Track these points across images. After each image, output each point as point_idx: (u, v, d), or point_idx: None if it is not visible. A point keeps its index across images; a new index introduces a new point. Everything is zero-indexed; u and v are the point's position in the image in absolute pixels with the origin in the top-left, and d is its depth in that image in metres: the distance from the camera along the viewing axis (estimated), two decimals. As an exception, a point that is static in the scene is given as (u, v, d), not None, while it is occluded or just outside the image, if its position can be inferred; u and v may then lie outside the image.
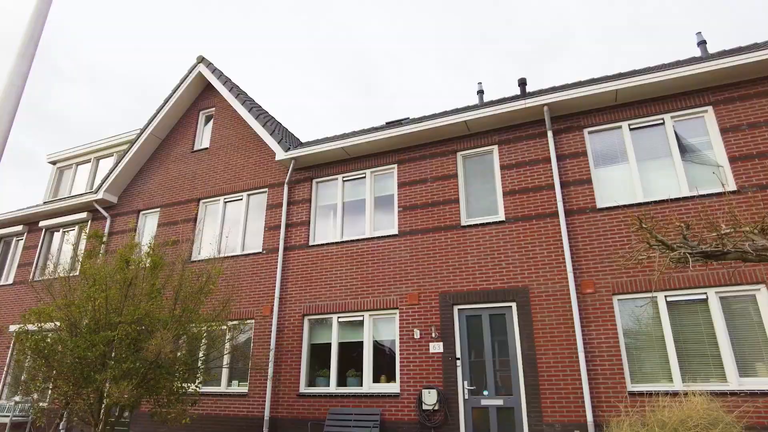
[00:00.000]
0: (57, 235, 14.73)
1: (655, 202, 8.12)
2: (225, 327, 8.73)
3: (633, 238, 7.97)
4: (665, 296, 7.63)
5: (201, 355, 8.34)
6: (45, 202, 15.29)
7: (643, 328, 7.68)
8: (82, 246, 13.40)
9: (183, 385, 7.37)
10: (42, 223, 14.64)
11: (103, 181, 13.54)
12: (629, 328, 7.73)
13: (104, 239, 7.70)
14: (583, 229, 8.38)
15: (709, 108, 8.37)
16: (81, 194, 14.28)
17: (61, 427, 11.34)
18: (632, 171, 8.56)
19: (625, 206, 8.28)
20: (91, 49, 68.27)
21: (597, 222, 8.35)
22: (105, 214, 13.45)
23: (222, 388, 10.20)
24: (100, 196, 13.37)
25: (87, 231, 13.80)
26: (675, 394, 6.92)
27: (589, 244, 8.26)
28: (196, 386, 7.93)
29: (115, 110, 68.46)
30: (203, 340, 8.23)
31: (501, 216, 9.05)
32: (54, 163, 17.04)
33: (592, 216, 8.42)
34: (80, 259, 7.34)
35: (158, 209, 12.97)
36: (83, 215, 13.92)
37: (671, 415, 5.58)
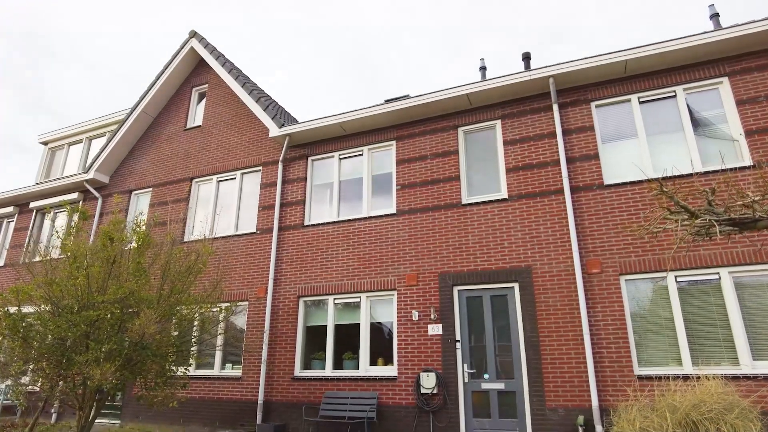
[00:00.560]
0: (49, 217, 14.39)
1: (666, 179, 7.70)
2: (217, 309, 8.42)
3: (643, 213, 7.60)
4: (675, 276, 7.28)
5: (191, 337, 8.03)
6: (36, 183, 14.93)
7: (652, 309, 7.34)
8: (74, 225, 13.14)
9: (171, 367, 7.07)
10: (33, 204, 14.30)
11: (93, 161, 13.15)
12: (637, 309, 7.40)
13: (86, 214, 7.27)
14: (590, 207, 8.00)
15: (725, 79, 7.92)
16: (72, 175, 13.89)
17: (53, 411, 11.13)
18: (642, 146, 8.15)
19: (633, 183, 7.89)
20: (88, 33, 67.36)
21: (604, 199, 7.97)
22: (96, 194, 13.09)
23: (215, 371, 9.93)
24: (90, 175, 13.00)
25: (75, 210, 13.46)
26: (685, 378, 6.63)
27: (596, 223, 7.89)
28: (186, 369, 7.64)
29: (114, 97, 67.81)
30: (194, 322, 7.91)
31: (503, 194, 8.67)
32: (45, 143, 16.65)
33: (599, 193, 8.03)
34: (61, 237, 6.94)
35: (150, 189, 12.61)
36: (74, 195, 13.55)
37: (683, 399, 5.27)
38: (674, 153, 7.96)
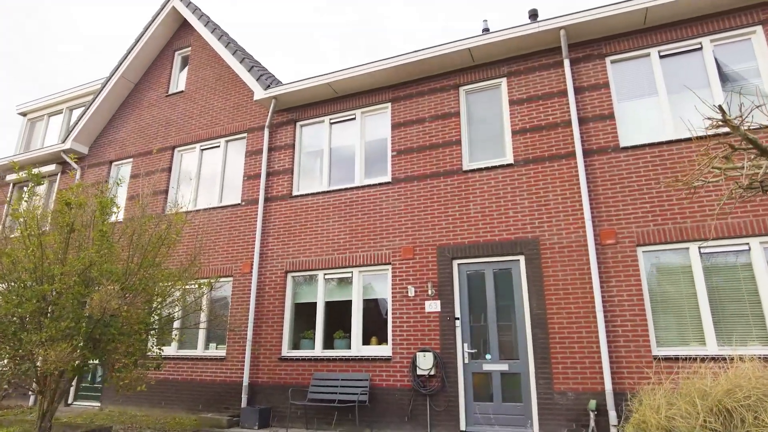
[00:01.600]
0: (26, 190, 13.62)
1: (689, 140, 6.94)
2: (195, 284, 7.73)
3: (663, 178, 6.85)
4: (699, 248, 6.56)
5: (167, 314, 7.37)
6: (10, 156, 14.13)
7: (672, 283, 6.64)
8: (53, 200, 12.44)
9: (141, 347, 6.41)
10: (9, 178, 13.53)
11: (70, 130, 12.35)
12: (656, 284, 6.70)
13: (39, 178, 6.52)
14: (604, 172, 7.24)
15: (758, 28, 7.07)
16: (48, 146, 13.08)
17: (30, 392, 10.55)
18: (662, 105, 7.35)
19: (653, 144, 7.12)
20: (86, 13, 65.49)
21: (620, 163, 7.20)
22: (74, 165, 12.32)
23: (198, 351, 9.31)
24: (67, 146, 12.21)
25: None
26: (709, 358, 5.97)
27: (611, 189, 7.14)
28: (159, 349, 6.98)
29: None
30: (169, 298, 7.23)
31: (509, 158, 7.89)
32: (24, 114, 15.83)
33: (614, 156, 7.26)
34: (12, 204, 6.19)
35: (131, 159, 11.84)
36: (52, 167, 12.78)
37: (714, 384, 4.60)
38: (699, 112, 7.15)
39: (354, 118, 9.36)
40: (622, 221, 6.95)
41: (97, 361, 6.60)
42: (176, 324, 8.75)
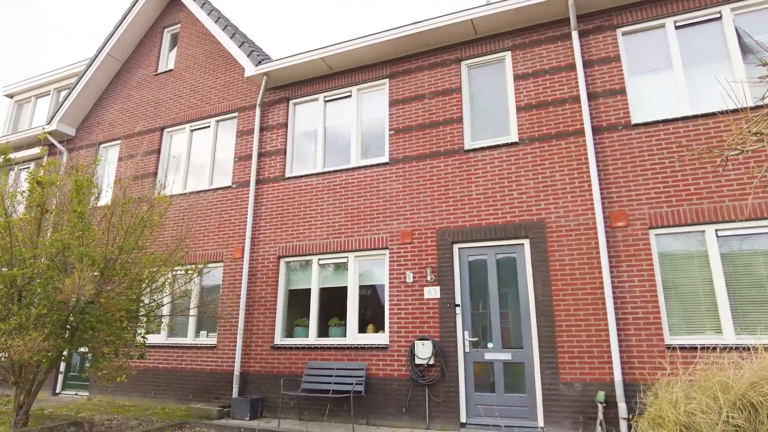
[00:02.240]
0: (12, 175, 13.20)
1: (706, 116, 6.49)
2: (182, 270, 7.35)
3: (678, 157, 6.41)
4: (716, 230, 6.15)
5: (152, 301, 6.99)
6: (-2, 137, 13.67)
7: (687, 268, 6.24)
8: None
9: (123, 335, 6.03)
10: (-5, 160, 13.06)
11: (56, 111, 11.87)
12: (669, 268, 6.30)
13: (7, 154, 6.08)
14: (614, 150, 6.80)
15: (782, -5, 6.58)
16: (33, 128, 12.62)
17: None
18: (677, 79, 6.88)
19: (666, 121, 6.67)
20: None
21: (632, 141, 6.76)
22: (60, 147, 11.87)
23: (189, 339, 8.96)
24: (53, 127, 11.75)
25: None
26: (726, 348, 5.60)
27: (622, 168, 6.70)
28: (143, 337, 6.61)
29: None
30: (153, 284, 6.85)
31: (513, 136, 7.45)
32: (11, 96, 15.35)
33: (625, 134, 6.82)
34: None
35: (119, 141, 11.39)
36: (36, 150, 12.30)
37: (737, 376, 4.22)
38: (717, 85, 6.69)
39: (350, 96, 8.89)
40: (634, 203, 6.53)
41: (83, 350, 6.25)
42: (163, 311, 8.41)
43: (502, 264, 7.07)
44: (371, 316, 7.79)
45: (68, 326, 5.54)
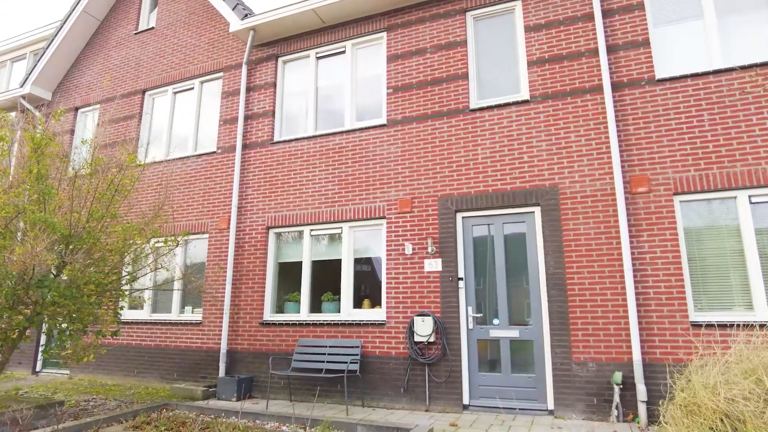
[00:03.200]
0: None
1: (741, 68, 5.81)
2: (161, 240, 6.74)
3: (708, 114, 5.76)
4: (749, 196, 5.55)
5: (127, 273, 6.41)
6: (-30, 103, 12.86)
7: (715, 238, 5.66)
8: (15, 151, 11.27)
9: (92, 311, 5.45)
10: (-32, 127, 12.30)
11: (29, 73, 11.06)
12: (695, 238, 5.71)
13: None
14: (636, 108, 6.14)
15: (831, -69, 5.83)
16: (6, 91, 11.81)
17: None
18: (709, 29, 6.17)
19: (695, 75, 5.99)
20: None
21: (655, 98, 6.09)
22: (36, 112, 11.09)
23: (173, 315, 8.42)
24: (26, 90, 10.96)
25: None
26: (758, 325, 5.06)
27: (644, 128, 6.05)
28: (118, 312, 6.03)
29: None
30: (128, 255, 6.25)
31: (524, 94, 6.77)
32: (-15, 59, 14.44)
33: (649, 90, 6.14)
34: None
35: (98, 105, 10.63)
36: (12, 115, 11.54)
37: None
38: (754, 37, 6.01)
39: (344, 51, 8.13)
40: (657, 166, 5.90)
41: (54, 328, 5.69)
42: (146, 284, 7.85)
43: (510, 234, 6.48)
44: (367, 290, 7.23)
45: (28, 301, 4.95)
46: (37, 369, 9.59)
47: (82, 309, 5.29)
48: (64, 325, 5.20)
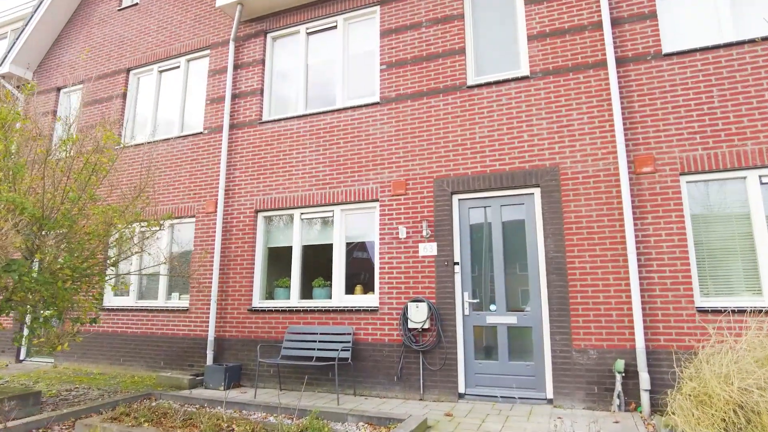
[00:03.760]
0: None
1: (753, 42, 5.50)
2: (144, 224, 6.44)
3: (718, 90, 5.47)
4: (760, 176, 5.28)
5: (106, 258, 6.11)
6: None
7: (724, 221, 5.40)
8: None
9: (68, 297, 5.16)
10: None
11: (8, 51, 10.62)
12: (702, 221, 5.46)
13: None
14: (641, 84, 5.83)
15: None
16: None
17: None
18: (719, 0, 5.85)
19: (705, 49, 5.68)
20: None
21: (662, 73, 5.79)
22: (16, 93, 10.65)
23: (160, 302, 8.14)
24: (6, 69, 10.50)
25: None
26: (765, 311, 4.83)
27: (650, 105, 5.75)
28: (95, 297, 5.73)
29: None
30: (109, 238, 5.95)
31: (524, 70, 6.44)
32: (-35, 39, 13.93)
33: (655, 65, 5.83)
34: None
35: (81, 85, 10.22)
36: (-8, 95, 11.12)
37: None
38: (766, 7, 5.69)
39: (335, 26, 7.76)
40: (663, 144, 5.62)
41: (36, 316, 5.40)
42: (126, 270, 7.57)
43: (508, 217, 6.21)
44: (360, 275, 6.97)
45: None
46: (21, 357, 9.33)
47: (57, 295, 4.99)
48: (41, 312, 4.91)
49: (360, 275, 6.97)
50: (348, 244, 7.07)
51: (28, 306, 4.76)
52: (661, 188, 5.52)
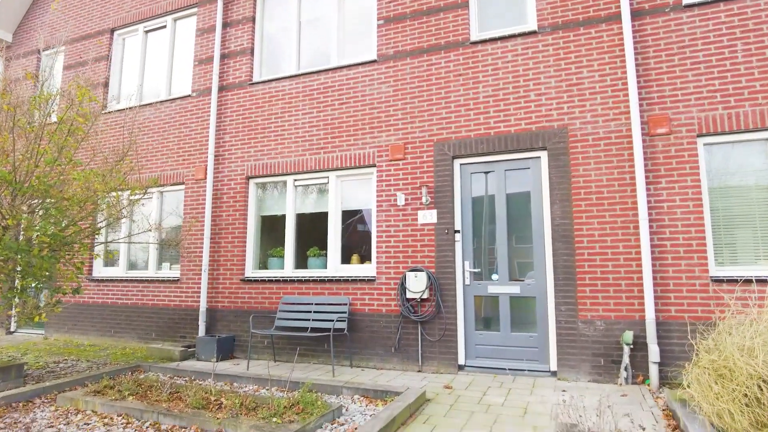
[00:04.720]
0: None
1: (781, -8, 5.06)
2: (128, 191, 6.10)
3: (742, 44, 5.06)
4: (783, 137, 4.93)
5: (89, 225, 5.80)
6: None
7: (742, 186, 5.08)
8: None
9: (47, 267, 4.87)
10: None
11: (-14, 10, 10.06)
12: (719, 186, 5.13)
13: None
14: (658, 39, 5.41)
15: None
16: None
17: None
18: (745, -55, 5.36)
19: (729, 0, 5.23)
20: None
21: (681, 26, 5.36)
22: (-5, 54, 10.16)
23: (150, 272, 7.88)
24: (-17, 30, 10.00)
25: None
26: (788, 279, 4.55)
27: (667, 61, 5.35)
28: (76, 266, 5.43)
29: None
30: (90, 205, 5.63)
31: (531, 24, 6.00)
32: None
33: (673, 17, 5.40)
34: None
35: (64, 47, 9.71)
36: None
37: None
38: (797, -48, 5.21)
39: (329, -20, 7.26)
40: (679, 104, 5.24)
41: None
42: (113, 238, 7.28)
43: (512, 181, 5.87)
44: (356, 244, 6.69)
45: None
46: (12, 329, 9.14)
47: (33, 264, 4.70)
48: (19, 282, 4.64)
49: (357, 245, 6.68)
50: (344, 212, 6.76)
51: (2, 275, 4.48)
52: (677, 151, 5.17)
